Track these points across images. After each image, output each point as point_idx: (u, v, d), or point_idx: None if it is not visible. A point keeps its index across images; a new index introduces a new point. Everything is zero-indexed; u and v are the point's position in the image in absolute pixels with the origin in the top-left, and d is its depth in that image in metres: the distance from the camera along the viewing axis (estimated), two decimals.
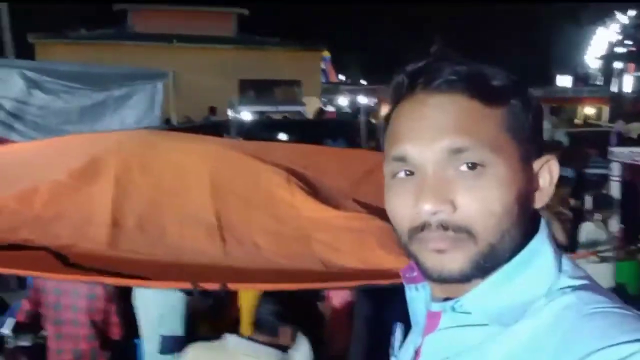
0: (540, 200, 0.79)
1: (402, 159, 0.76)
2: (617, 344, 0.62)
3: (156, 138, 3.86)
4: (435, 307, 0.80)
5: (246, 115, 12.39)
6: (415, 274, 0.85)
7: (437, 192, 0.71)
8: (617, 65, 31.81)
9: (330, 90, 23.48)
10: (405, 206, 0.75)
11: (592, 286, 0.74)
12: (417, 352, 0.84)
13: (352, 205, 3.68)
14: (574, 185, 6.81)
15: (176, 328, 3.44)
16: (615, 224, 5.66)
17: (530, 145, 0.77)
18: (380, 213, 3.74)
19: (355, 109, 16.98)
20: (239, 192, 3.25)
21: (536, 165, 0.78)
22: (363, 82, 32.84)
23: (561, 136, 11.49)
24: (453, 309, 0.77)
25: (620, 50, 34.67)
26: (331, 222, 3.11)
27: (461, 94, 0.74)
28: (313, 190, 3.47)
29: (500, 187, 0.72)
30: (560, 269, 0.75)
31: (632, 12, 35.60)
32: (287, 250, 2.89)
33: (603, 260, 4.95)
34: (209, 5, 22.01)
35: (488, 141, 0.72)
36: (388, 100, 0.83)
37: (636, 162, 5.76)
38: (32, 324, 3.66)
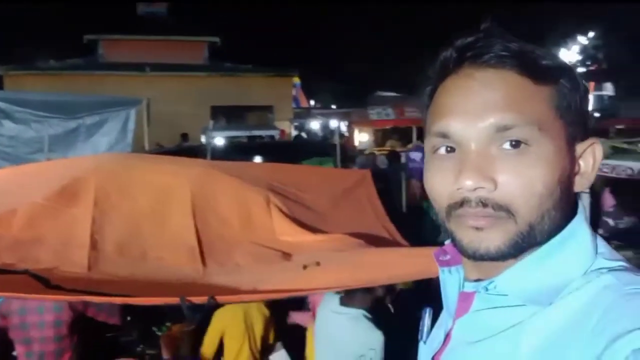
0: (581, 184, 0.76)
1: (444, 135, 0.74)
2: None
3: (134, 160, 3.84)
4: (468, 287, 0.79)
5: (220, 140, 12.37)
6: (448, 256, 0.84)
7: (479, 168, 0.70)
8: None
9: (302, 114, 23.63)
10: (444, 183, 0.73)
11: (629, 268, 0.72)
12: (447, 336, 0.82)
13: (330, 224, 3.70)
14: None
15: None
16: None
17: (576, 126, 0.74)
18: (359, 229, 3.77)
19: (328, 132, 17.12)
20: (220, 212, 3.23)
21: (580, 148, 0.75)
22: (333, 106, 33.17)
23: None
24: (486, 289, 0.75)
25: (581, 70, 35.99)
26: (309, 245, 3.11)
27: (511, 69, 0.71)
28: (292, 211, 3.48)
29: (544, 167, 0.70)
30: (596, 251, 0.74)
31: (591, 34, 36.94)
32: (270, 265, 2.89)
33: None
34: (179, 35, 22.06)
35: (536, 119, 0.70)
36: (434, 75, 0.78)
37: (603, 174, 5.93)
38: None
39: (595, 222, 5.89)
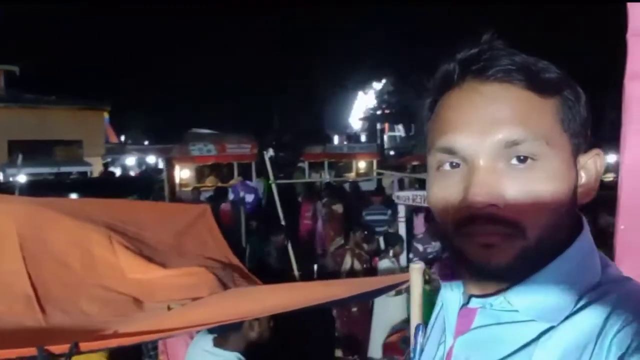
0: (586, 196, 0.75)
1: (449, 151, 0.71)
2: None
3: None
4: (474, 302, 0.76)
5: (22, 178, 11.15)
6: (448, 272, 0.82)
7: (488, 185, 0.68)
8: (378, 125, 37.02)
9: (116, 150, 22.35)
10: (450, 199, 0.71)
11: (636, 282, 0.73)
12: (448, 355, 0.79)
13: (176, 260, 3.55)
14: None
15: None
16: (404, 258, 6.30)
17: (579, 138, 0.73)
18: (204, 264, 3.67)
19: (146, 169, 16.44)
20: (56, 255, 2.92)
21: (583, 159, 0.74)
22: (146, 142, 31.99)
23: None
24: (491, 305, 0.73)
25: (378, 112, 39.87)
26: (161, 282, 2.96)
27: (517, 83, 0.70)
28: (137, 247, 3.28)
29: (552, 182, 0.69)
30: (602, 265, 0.74)
31: (384, 81, 40.97)
32: (121, 312, 2.68)
33: (398, 293, 5.37)
34: None
35: (543, 133, 0.69)
36: (435, 88, 0.77)
37: (416, 204, 6.59)
38: None
39: (408, 249, 6.50)
